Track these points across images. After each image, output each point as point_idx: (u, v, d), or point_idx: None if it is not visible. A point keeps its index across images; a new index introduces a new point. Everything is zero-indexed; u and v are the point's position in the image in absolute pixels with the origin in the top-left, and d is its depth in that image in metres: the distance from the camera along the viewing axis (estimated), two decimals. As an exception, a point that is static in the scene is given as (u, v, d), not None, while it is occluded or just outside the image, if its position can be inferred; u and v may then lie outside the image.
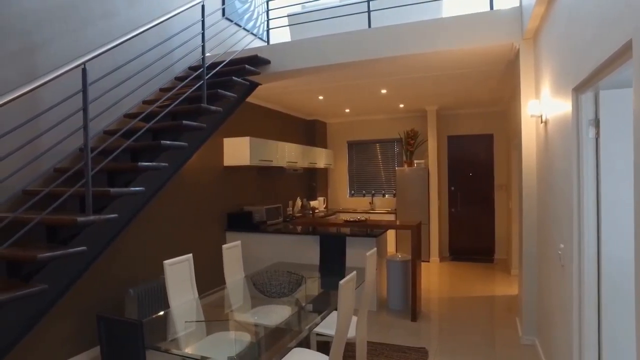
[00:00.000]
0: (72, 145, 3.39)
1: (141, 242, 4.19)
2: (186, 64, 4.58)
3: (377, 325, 4.29)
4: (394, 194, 8.08)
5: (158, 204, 4.42)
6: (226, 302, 3.14)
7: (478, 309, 4.70)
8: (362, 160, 8.42)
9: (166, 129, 3.33)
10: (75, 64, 2.56)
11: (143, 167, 2.83)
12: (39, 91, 3.19)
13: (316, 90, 5.80)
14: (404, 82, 5.43)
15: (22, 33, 3.13)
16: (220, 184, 5.46)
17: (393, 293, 4.75)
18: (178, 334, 2.53)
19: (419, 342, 3.81)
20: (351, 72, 4.74)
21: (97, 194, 2.68)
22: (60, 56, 3.38)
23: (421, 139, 7.78)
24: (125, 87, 3.63)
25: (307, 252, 5.04)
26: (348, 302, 2.30)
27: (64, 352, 3.44)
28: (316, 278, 3.57)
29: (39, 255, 2.23)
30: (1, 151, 2.90)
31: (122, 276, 3.96)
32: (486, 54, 4.01)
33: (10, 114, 3.02)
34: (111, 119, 3.72)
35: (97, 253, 2.72)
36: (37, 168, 3.18)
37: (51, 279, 2.40)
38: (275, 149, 6.04)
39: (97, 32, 3.70)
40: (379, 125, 8.20)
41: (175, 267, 2.84)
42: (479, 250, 7.54)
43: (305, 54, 4.31)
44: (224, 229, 5.49)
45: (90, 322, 3.64)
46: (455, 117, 7.66)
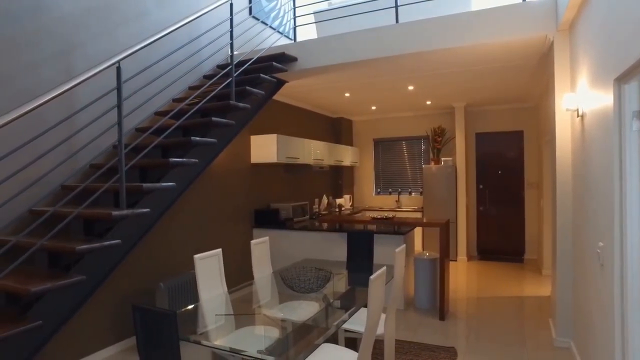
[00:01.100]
0: (106, 142, 3.50)
1: (171, 238, 4.28)
2: (214, 62, 4.65)
3: (405, 323, 4.24)
4: (420, 192, 7.98)
5: (187, 200, 4.51)
6: (254, 297, 3.17)
7: (508, 310, 4.58)
8: (388, 158, 8.35)
9: (196, 125, 3.38)
10: (111, 62, 2.63)
11: (174, 162, 2.88)
12: (75, 90, 3.30)
13: (342, 88, 5.78)
14: (431, 79, 5.34)
15: (61, 35, 3.26)
16: (248, 181, 5.52)
17: (420, 292, 4.68)
18: (208, 327, 2.57)
19: (447, 342, 3.75)
20: (378, 68, 4.70)
21: (130, 189, 2.75)
22: (96, 57, 3.48)
23: (448, 136, 7.64)
24: (156, 85, 3.71)
25: (333, 249, 5.04)
26: (378, 298, 2.28)
27: (98, 342, 3.55)
28: (344, 275, 3.56)
29: (77, 247, 2.31)
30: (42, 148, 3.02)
31: (153, 270, 4.05)
32: (517, 47, 3.90)
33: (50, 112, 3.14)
34: (142, 117, 3.81)
35: (130, 246, 2.79)
36: (74, 164, 3.30)
37: (88, 271, 2.48)
38: (301, 146, 6.06)
39: (130, 33, 3.80)
40: (405, 123, 8.11)
41: (205, 262, 2.89)
42: (508, 249, 7.35)
43: (332, 51, 4.29)
44: (251, 225, 5.55)
45: (122, 314, 3.75)
46: (483, 114, 7.49)
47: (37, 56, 3.09)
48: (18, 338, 2.15)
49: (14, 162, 2.89)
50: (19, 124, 2.95)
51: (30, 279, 2.29)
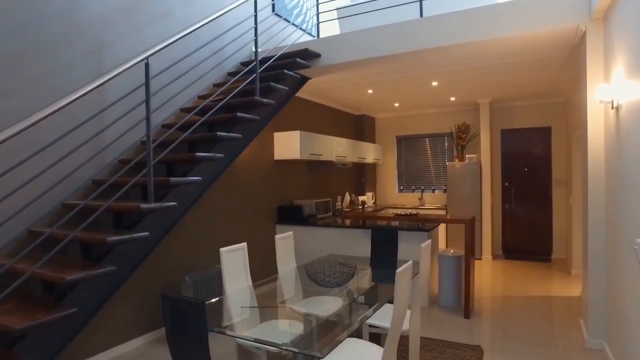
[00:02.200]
0: (133, 138, 3.58)
1: (196, 233, 4.35)
2: (238, 60, 4.69)
3: (429, 320, 4.19)
4: (444, 189, 7.87)
5: (212, 196, 4.57)
6: (278, 291, 3.18)
7: (535, 309, 4.46)
8: (412, 155, 8.26)
9: (221, 121, 3.42)
10: (139, 58, 2.69)
11: (200, 157, 2.92)
12: (105, 88, 3.40)
13: (366, 84, 5.74)
14: (456, 74, 5.25)
15: (92, 35, 3.35)
16: (271, 177, 5.55)
17: (445, 289, 4.62)
18: (233, 320, 2.60)
19: (472, 340, 3.68)
20: (402, 63, 4.65)
21: (158, 183, 2.80)
22: (124, 55, 3.57)
23: (473, 133, 7.51)
24: (181, 83, 3.79)
25: (357, 245, 5.02)
26: (404, 292, 2.26)
27: (126, 334, 3.64)
28: (367, 271, 3.54)
29: (108, 238, 2.37)
30: (74, 144, 3.12)
31: (179, 264, 4.13)
32: (547, 39, 3.79)
33: (81, 110, 3.24)
34: (168, 113, 3.89)
35: (157, 239, 2.85)
36: (104, 160, 3.39)
37: (118, 262, 2.54)
38: (324, 143, 6.06)
39: (156, 32, 3.87)
40: (429, 120, 8.00)
41: (230, 255, 2.92)
42: (534, 248, 7.17)
43: (356, 46, 4.27)
44: (274, 222, 5.59)
45: (149, 307, 3.83)
46: (509, 110, 7.32)
47: (69, 56, 3.19)
48: (55, 324, 2.23)
49: (48, 157, 2.99)
50: (52, 121, 3.06)
51: (65, 268, 2.36)
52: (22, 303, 2.33)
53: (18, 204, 2.81)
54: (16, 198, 2.80)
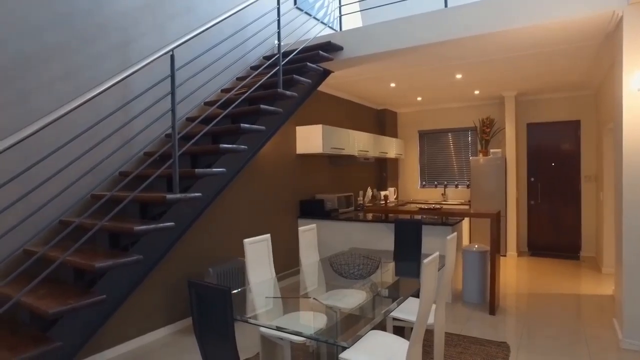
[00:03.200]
0: (158, 130, 3.63)
1: (219, 226, 4.39)
2: (260, 53, 4.70)
3: (453, 316, 4.12)
4: (467, 185, 7.73)
5: (235, 190, 4.61)
6: (301, 283, 3.18)
7: (563, 307, 4.33)
8: (434, 150, 8.14)
9: (244, 113, 3.43)
10: (165, 50, 2.71)
11: (224, 148, 2.94)
12: (131, 81, 3.45)
13: (388, 78, 5.68)
14: (481, 66, 5.13)
15: (120, 29, 3.41)
16: (293, 171, 5.56)
17: (469, 285, 4.53)
18: (257, 311, 2.60)
19: (498, 336, 3.60)
20: (425, 56, 4.56)
21: (183, 174, 2.83)
22: (149, 49, 3.62)
23: (497, 127, 7.34)
24: (204, 76, 3.82)
25: (379, 239, 4.98)
26: (431, 283, 2.22)
27: (151, 324, 3.70)
28: (391, 264, 3.50)
29: (135, 227, 2.41)
30: (99, 136, 3.18)
31: (202, 256, 4.17)
32: (579, 27, 3.65)
33: (108, 102, 3.30)
34: (192, 107, 3.92)
35: (182, 230, 2.88)
36: (129, 152, 3.44)
37: (145, 251, 2.58)
38: (346, 137, 6.03)
39: (180, 26, 3.91)
40: (452, 114, 7.86)
41: (254, 246, 2.93)
42: (562, 246, 6.97)
43: (379, 38, 4.22)
44: (296, 215, 5.60)
45: (173, 298, 3.89)
46: (536, 103, 7.12)
47: (99, 49, 3.26)
48: (85, 310, 2.28)
49: (78, 149, 3.07)
50: (81, 114, 3.13)
51: (94, 256, 2.41)
52: (55, 289, 2.39)
53: (49, 195, 2.89)
54: (48, 189, 2.88)
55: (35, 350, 1.96)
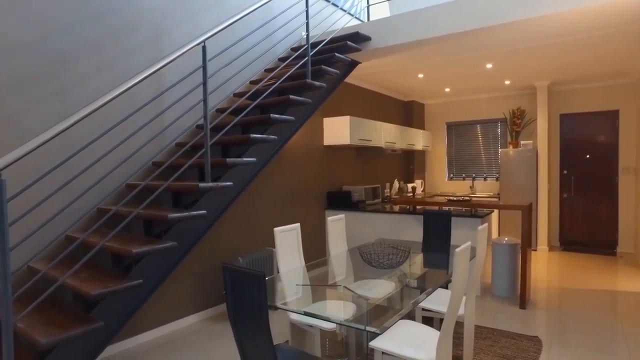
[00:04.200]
0: (189, 122, 3.72)
1: (248, 216, 4.46)
2: (288, 45, 4.72)
3: (482, 309, 4.06)
4: (496, 177, 7.57)
5: (264, 181, 4.66)
6: (330, 273, 3.20)
7: (599, 304, 4.20)
8: (462, 142, 7.99)
9: (274, 104, 3.46)
10: (197, 42, 2.76)
11: (255, 138, 2.97)
12: (163, 73, 3.53)
13: (416, 68, 5.60)
14: (513, 55, 4.99)
15: (152, 23, 3.49)
16: (320, 163, 5.58)
17: (498, 278, 4.45)
18: (286, 298, 2.64)
19: (529, 331, 3.53)
20: (455, 45, 4.47)
21: (215, 163, 2.88)
22: (180, 42, 3.69)
23: (529, 118, 7.14)
24: (233, 68, 3.87)
25: (407, 231, 4.95)
26: (463, 272, 2.20)
27: (181, 311, 3.81)
28: (419, 255, 3.47)
29: (169, 215, 2.48)
30: (132, 127, 3.28)
31: (231, 246, 4.25)
32: (620, 10, 3.49)
33: (141, 94, 3.40)
34: (222, 98, 3.99)
35: (214, 218, 2.94)
36: (162, 142, 3.54)
37: (178, 239, 2.65)
38: (374, 129, 6.00)
39: (210, 19, 3.97)
40: (481, 105, 7.69)
41: (284, 235, 2.96)
42: (597, 241, 6.74)
43: (407, 28, 4.15)
44: (323, 207, 5.62)
45: (203, 286, 3.98)
46: (570, 93, 6.87)
47: (132, 43, 3.34)
48: (124, 293, 2.37)
49: (114, 139, 3.17)
50: (116, 106, 3.23)
51: (131, 243, 2.49)
52: (95, 273, 2.49)
53: (87, 184, 3.01)
54: (85, 178, 3.00)
55: (80, 328, 2.05)
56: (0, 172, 1.85)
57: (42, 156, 2.81)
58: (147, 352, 3.25)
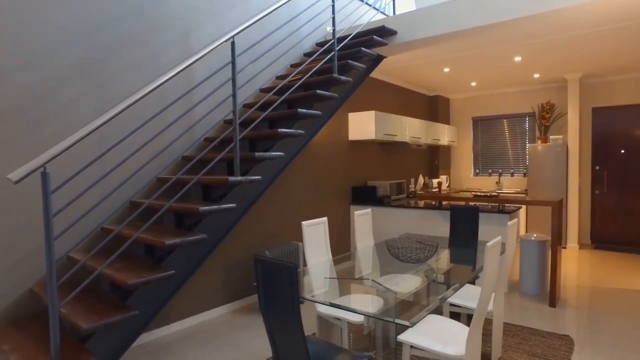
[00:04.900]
0: (217, 117, 3.78)
1: (274, 211, 4.51)
2: (313, 40, 4.73)
3: (509, 306, 4.00)
4: (523, 173, 7.40)
5: (289, 176, 4.71)
6: (356, 267, 3.21)
7: (634, 304, 4.07)
8: (488, 137, 7.84)
9: (300, 99, 3.48)
10: (226, 37, 2.80)
11: (283, 133, 3.01)
12: (192, 69, 3.60)
13: (442, 62, 5.52)
14: (543, 46, 4.85)
15: (181, 20, 3.56)
16: (345, 158, 5.59)
17: (526, 275, 4.37)
18: (314, 291, 2.67)
19: (559, 329, 3.46)
20: (482, 38, 4.38)
21: (243, 157, 2.93)
22: (208, 39, 3.76)
23: (558, 112, 6.94)
24: (260, 64, 3.91)
25: (433, 226, 4.92)
26: (493, 267, 2.17)
27: (209, 302, 3.90)
28: (446, 250, 3.45)
29: (200, 208, 2.53)
30: (163, 122, 3.36)
31: (257, 240, 4.32)
32: (659, 0, 3.36)
33: (172, 90, 3.48)
34: (248, 94, 4.04)
35: (242, 211, 2.99)
36: (191, 137, 3.61)
37: (208, 231, 2.71)
38: (399, 124, 5.96)
39: (237, 15, 4.01)
40: (508, 99, 7.52)
41: (312, 229, 2.99)
42: (631, 239, 6.51)
43: (434, 21, 4.10)
44: (348, 202, 5.64)
45: (230, 279, 4.06)
46: (603, 86, 6.64)
47: (164, 39, 3.42)
48: (157, 283, 2.44)
49: (147, 135, 3.26)
50: (148, 102, 3.31)
51: (163, 235, 2.57)
52: (129, 263, 2.58)
53: (121, 178, 3.11)
54: (119, 172, 3.10)
55: (117, 316, 2.13)
56: (45, 165, 1.94)
57: (78, 150, 2.92)
58: (178, 341, 3.35)
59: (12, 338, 2.26)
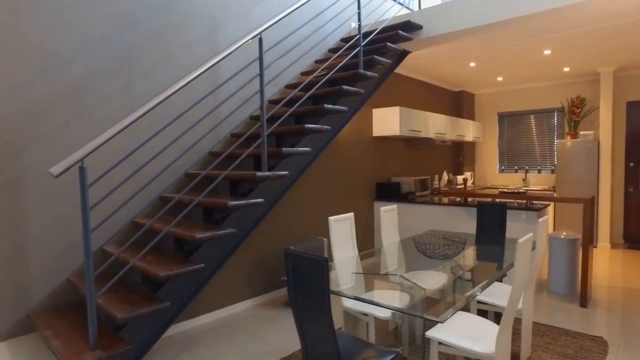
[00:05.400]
0: (242, 113, 3.82)
1: (298, 206, 4.54)
2: (338, 36, 4.73)
3: (538, 305, 3.92)
4: (551, 170, 7.21)
5: (314, 171, 4.72)
6: (382, 263, 3.20)
7: (670, 304, 3.93)
8: (515, 133, 7.67)
9: (326, 95, 3.48)
10: (253, 34, 2.83)
11: (310, 128, 3.02)
12: (219, 67, 3.65)
13: (467, 57, 5.42)
14: (574, 39, 4.70)
15: (208, 17, 3.60)
16: (369, 154, 5.57)
17: (555, 274, 4.27)
18: (340, 286, 2.68)
19: (592, 330, 3.36)
20: (511, 31, 4.28)
21: (270, 153, 2.95)
22: (235, 35, 3.80)
23: (589, 107, 6.72)
24: (285, 61, 3.93)
25: (458, 223, 4.86)
26: (525, 264, 2.13)
27: (235, 296, 3.95)
28: (473, 247, 3.40)
29: (229, 202, 2.57)
30: (191, 119, 3.42)
31: (283, 236, 4.35)
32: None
33: (200, 87, 3.53)
34: (274, 91, 4.06)
35: (269, 206, 3.02)
36: (219, 133, 3.66)
37: (236, 226, 2.75)
38: (423, 119, 5.89)
39: (263, 12, 4.04)
40: (536, 94, 7.33)
41: (338, 224, 3.00)
42: (666, 238, 6.27)
43: (460, 15, 4.03)
44: (372, 198, 5.62)
45: (255, 274, 4.11)
46: (639, 79, 6.39)
47: (191, 37, 3.48)
48: (186, 276, 2.50)
49: (175, 131, 3.33)
50: (175, 99, 3.38)
51: (192, 229, 2.62)
52: (159, 256, 2.64)
53: (151, 173, 3.18)
54: (149, 168, 3.17)
55: (151, 307, 2.19)
56: (82, 160, 2.01)
57: (110, 146, 3.00)
58: (205, 334, 3.41)
59: (53, 325, 2.36)
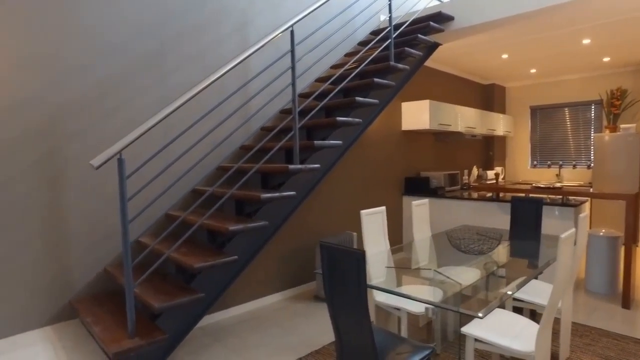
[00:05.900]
0: (272, 106, 3.83)
1: (327, 200, 4.53)
2: (367, 29, 4.67)
3: (575, 305, 3.78)
4: (587, 165, 6.94)
5: (343, 165, 4.70)
6: (414, 257, 3.15)
7: None
8: (548, 127, 7.42)
9: (356, 88, 3.45)
10: (285, 27, 2.81)
11: (341, 121, 2.99)
12: (249, 62, 3.66)
13: (500, 48, 5.26)
14: (617, 27, 4.48)
15: (237, 13, 3.62)
16: (398, 148, 5.50)
17: (594, 273, 4.10)
18: (372, 281, 2.65)
19: (636, 333, 3.22)
20: (547, 20, 4.12)
21: (302, 146, 2.94)
22: (265, 29, 3.80)
23: (631, 99, 6.42)
24: (315, 54, 3.91)
25: (489, 218, 4.74)
26: (567, 260, 2.05)
27: (265, 289, 3.98)
28: (507, 243, 3.30)
29: (262, 195, 2.58)
30: (222, 112, 3.44)
31: (312, 230, 4.35)
32: None
33: (230, 82, 3.55)
34: (304, 84, 4.05)
35: (300, 199, 3.02)
36: (249, 128, 3.68)
37: (267, 218, 2.76)
38: (453, 113, 5.77)
39: (291, 6, 4.02)
40: (571, 86, 7.06)
41: (370, 218, 2.97)
42: None
43: (493, 5, 3.90)
44: (401, 192, 5.55)
45: (284, 268, 4.12)
46: (684, 70, 6.06)
47: (222, 31, 3.50)
48: (220, 267, 2.52)
49: (207, 126, 3.36)
50: (207, 93, 3.41)
51: (225, 221, 2.64)
52: (193, 248, 2.68)
53: (183, 166, 3.23)
54: (182, 161, 3.22)
55: (185, 297, 2.23)
56: (121, 152, 2.05)
57: (145, 140, 3.06)
58: (236, 325, 3.45)
59: (93, 312, 2.43)
